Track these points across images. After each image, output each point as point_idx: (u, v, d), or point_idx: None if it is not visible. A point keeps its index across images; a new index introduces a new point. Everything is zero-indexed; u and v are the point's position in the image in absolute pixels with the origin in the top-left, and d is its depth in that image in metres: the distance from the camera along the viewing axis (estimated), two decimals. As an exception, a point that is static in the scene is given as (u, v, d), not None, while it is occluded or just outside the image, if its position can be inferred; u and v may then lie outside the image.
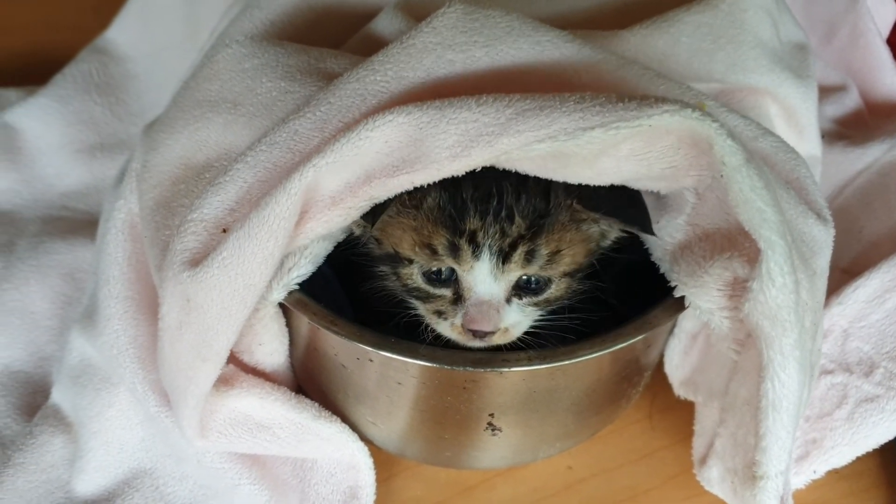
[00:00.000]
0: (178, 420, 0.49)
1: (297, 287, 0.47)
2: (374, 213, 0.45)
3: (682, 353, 0.54)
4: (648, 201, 0.48)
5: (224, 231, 0.45)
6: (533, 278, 0.47)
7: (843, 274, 0.62)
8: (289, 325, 0.51)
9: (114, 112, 0.76)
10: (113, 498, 0.54)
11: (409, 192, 0.45)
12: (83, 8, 0.85)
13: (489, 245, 0.45)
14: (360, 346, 0.46)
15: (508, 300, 0.47)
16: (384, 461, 0.57)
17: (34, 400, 0.59)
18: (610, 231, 0.48)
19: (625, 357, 0.49)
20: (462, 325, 0.46)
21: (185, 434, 0.49)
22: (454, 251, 0.46)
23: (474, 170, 0.43)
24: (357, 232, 0.49)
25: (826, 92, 0.75)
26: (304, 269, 0.46)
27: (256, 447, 0.51)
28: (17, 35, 0.85)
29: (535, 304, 0.48)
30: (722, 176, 0.41)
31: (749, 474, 0.46)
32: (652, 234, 0.46)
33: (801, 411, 0.46)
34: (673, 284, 0.47)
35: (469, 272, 0.46)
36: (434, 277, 0.47)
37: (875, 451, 0.56)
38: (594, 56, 0.47)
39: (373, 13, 0.56)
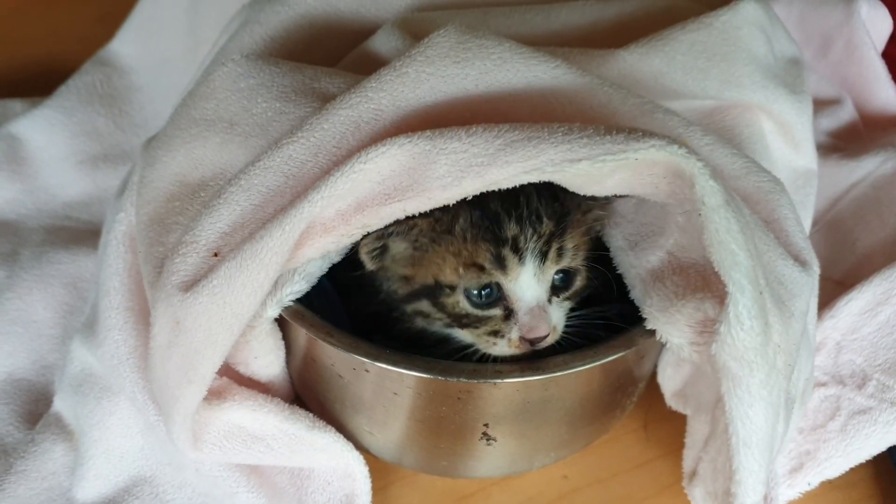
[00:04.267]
0: (169, 433, 0.50)
1: (291, 303, 0.47)
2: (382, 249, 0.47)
3: (674, 365, 0.55)
4: (630, 219, 0.48)
5: (216, 255, 0.46)
6: (558, 277, 0.49)
7: (837, 286, 0.62)
8: (286, 336, 0.51)
9: (117, 123, 0.77)
10: (113, 505, 0.55)
11: (435, 219, 0.47)
12: (88, 20, 0.86)
13: (530, 248, 0.47)
14: (357, 357, 0.47)
15: (549, 300, 0.49)
16: (381, 470, 0.57)
17: (36, 408, 0.60)
18: (603, 220, 0.51)
19: (617, 368, 0.50)
20: (519, 338, 0.48)
21: (176, 446, 0.50)
22: (500, 262, 0.47)
23: None
24: (371, 267, 0.49)
25: (821, 105, 0.75)
26: (297, 286, 0.47)
27: (251, 458, 0.51)
28: (23, 46, 0.86)
29: (568, 298, 0.50)
30: (700, 214, 0.41)
31: (727, 502, 0.47)
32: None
33: (777, 443, 0.47)
34: (644, 317, 0.47)
35: (515, 281, 0.48)
36: (479, 301, 0.49)
37: (868, 462, 0.57)
38: (585, 86, 0.47)
39: (370, 30, 0.56)
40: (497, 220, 0.47)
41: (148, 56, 0.79)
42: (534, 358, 0.48)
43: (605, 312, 0.50)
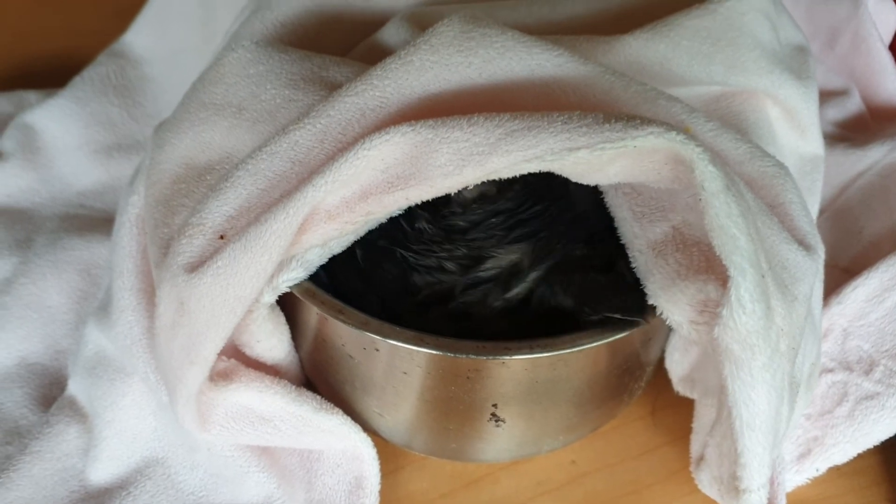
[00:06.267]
0: (175, 413, 0.50)
1: (288, 289, 0.48)
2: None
3: (682, 350, 0.55)
4: (640, 190, 0.49)
5: (222, 238, 0.46)
6: None
7: (844, 273, 0.62)
8: (297, 317, 0.52)
9: (130, 114, 0.77)
10: (126, 486, 0.55)
11: None
12: (105, 14, 0.87)
13: None
14: (368, 334, 0.47)
15: None
16: (391, 453, 0.58)
17: (50, 392, 0.61)
18: None
19: (624, 349, 0.50)
20: None
21: (183, 426, 0.50)
22: None
23: None
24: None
25: (828, 96, 0.76)
26: (294, 272, 0.47)
27: (259, 439, 0.52)
28: (40, 40, 0.87)
29: None
30: (700, 200, 0.42)
31: (733, 485, 0.47)
32: None
33: (783, 427, 0.47)
34: (646, 291, 0.48)
35: None
36: None
37: (876, 448, 0.57)
38: (587, 74, 0.48)
39: (380, 21, 0.57)
40: None
41: (162, 47, 0.80)
42: (542, 336, 0.48)
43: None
